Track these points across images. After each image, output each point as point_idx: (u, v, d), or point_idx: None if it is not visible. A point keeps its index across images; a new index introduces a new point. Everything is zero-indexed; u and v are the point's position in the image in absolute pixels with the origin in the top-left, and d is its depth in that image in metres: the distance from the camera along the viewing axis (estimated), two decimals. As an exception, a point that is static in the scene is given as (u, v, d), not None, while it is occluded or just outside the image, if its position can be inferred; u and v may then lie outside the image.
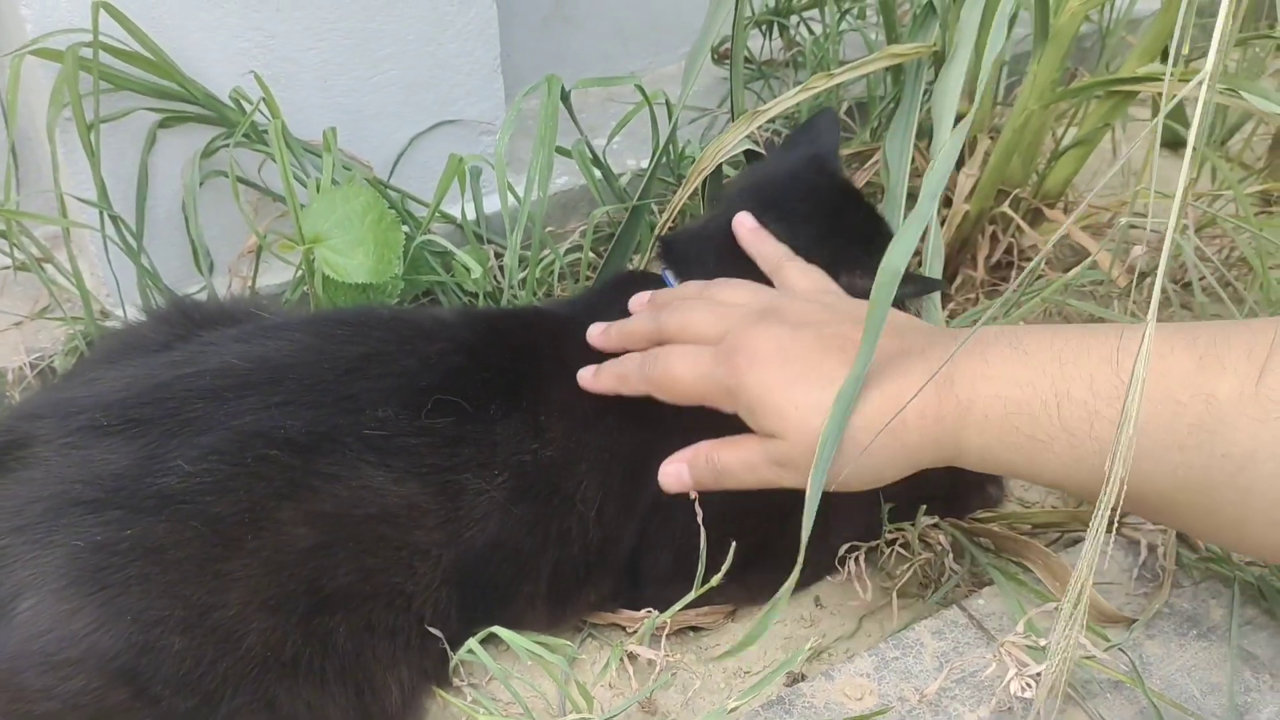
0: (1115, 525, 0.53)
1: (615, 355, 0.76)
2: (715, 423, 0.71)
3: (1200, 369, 0.56)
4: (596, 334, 0.78)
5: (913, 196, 1.03)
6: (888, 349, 0.65)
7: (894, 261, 0.60)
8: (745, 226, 0.81)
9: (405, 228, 0.93)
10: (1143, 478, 0.57)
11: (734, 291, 0.74)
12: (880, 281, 0.60)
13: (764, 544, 0.76)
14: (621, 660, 0.71)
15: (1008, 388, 0.61)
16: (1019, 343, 0.62)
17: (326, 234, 0.85)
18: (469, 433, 0.70)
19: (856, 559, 0.76)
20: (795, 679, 0.70)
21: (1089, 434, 0.58)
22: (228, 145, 0.90)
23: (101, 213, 0.89)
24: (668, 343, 0.73)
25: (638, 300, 0.80)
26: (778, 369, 0.66)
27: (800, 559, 0.62)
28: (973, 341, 0.63)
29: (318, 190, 0.89)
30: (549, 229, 1.07)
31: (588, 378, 0.75)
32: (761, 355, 0.66)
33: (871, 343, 0.60)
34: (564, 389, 0.74)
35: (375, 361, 0.72)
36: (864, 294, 0.65)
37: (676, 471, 0.72)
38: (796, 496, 0.75)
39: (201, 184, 0.93)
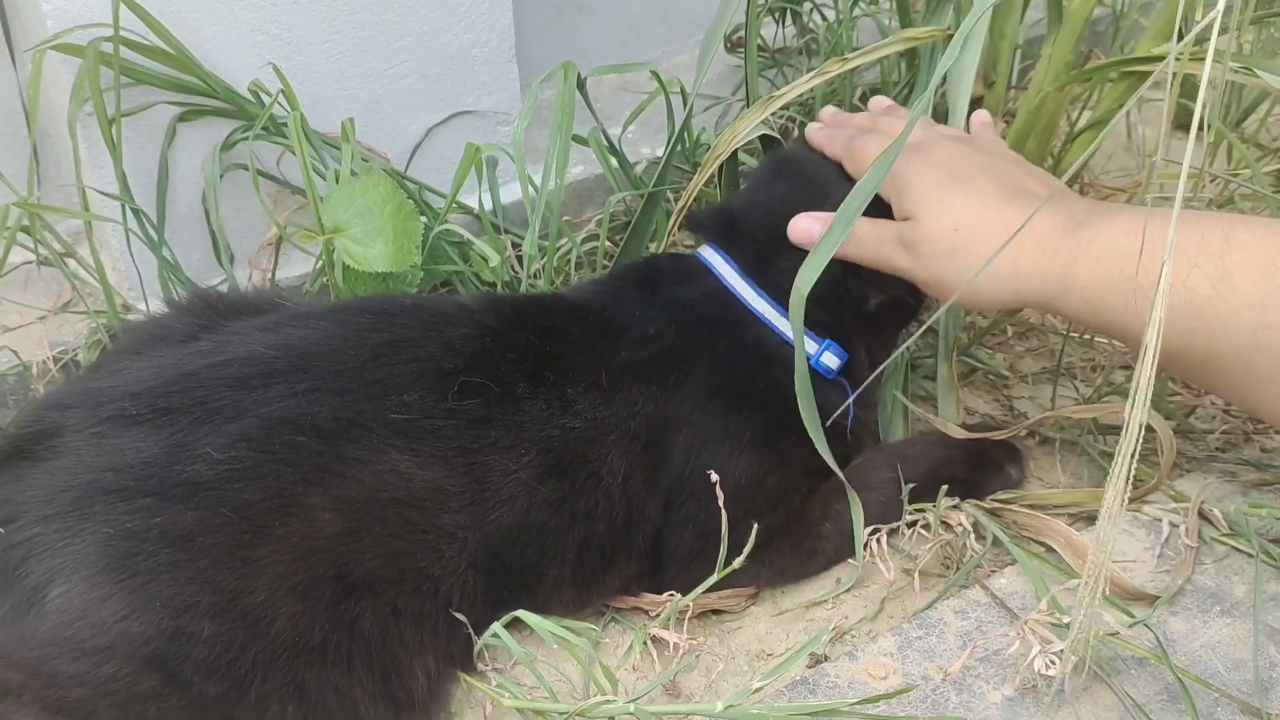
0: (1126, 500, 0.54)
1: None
2: (729, 397, 0.76)
3: None
4: (829, 112, 0.90)
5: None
6: (1035, 189, 0.74)
7: (850, 207, 0.65)
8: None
9: (423, 218, 0.93)
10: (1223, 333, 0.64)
11: (942, 128, 0.84)
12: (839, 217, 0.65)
13: (786, 523, 0.76)
14: (645, 643, 0.72)
15: (1125, 236, 0.66)
16: (1148, 211, 0.68)
17: (346, 224, 0.86)
18: (495, 414, 0.71)
19: (878, 540, 0.76)
20: (818, 660, 0.71)
21: (1183, 283, 0.63)
22: (247, 138, 0.91)
23: (123, 206, 0.89)
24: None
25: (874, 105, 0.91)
26: (943, 168, 0.75)
27: None
28: (1106, 205, 0.71)
29: (336, 182, 0.89)
30: (566, 218, 1.07)
31: (813, 129, 0.87)
32: (936, 155, 0.76)
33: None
34: (590, 365, 0.75)
35: (400, 347, 0.72)
36: None
37: (807, 227, 0.78)
38: (816, 473, 0.77)
39: (221, 177, 0.93)
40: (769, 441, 0.77)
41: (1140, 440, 0.51)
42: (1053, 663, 0.60)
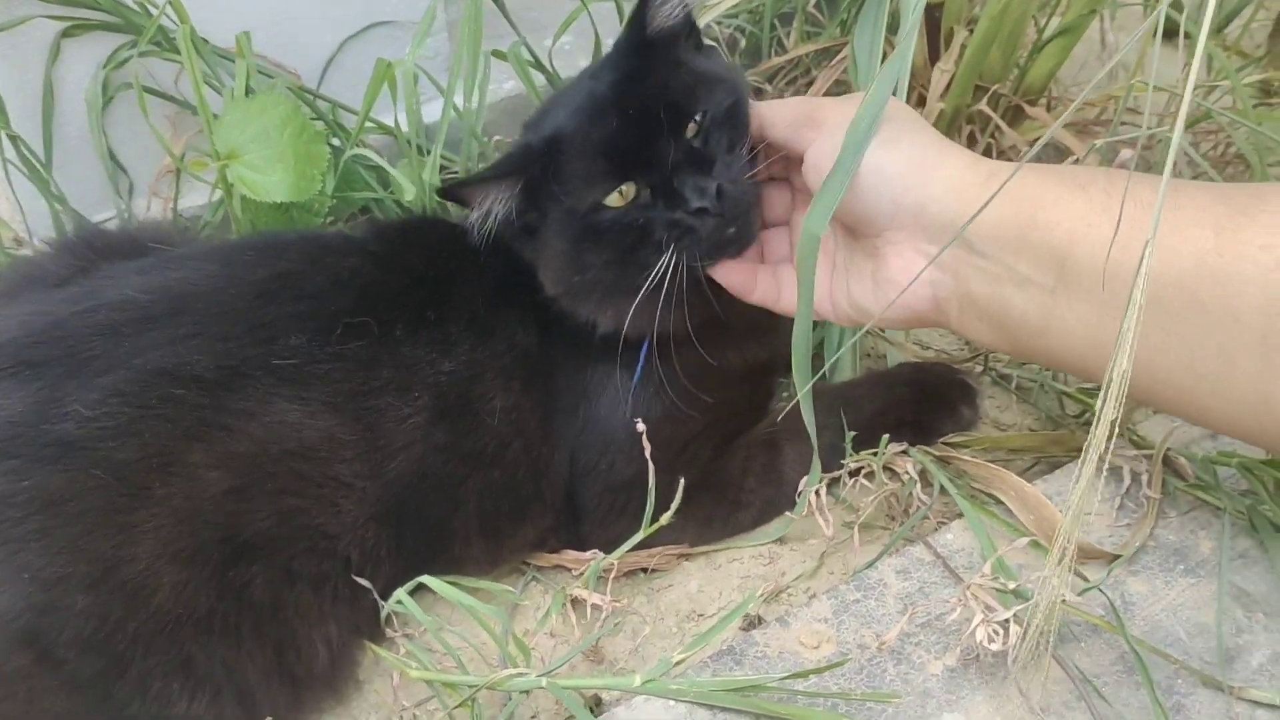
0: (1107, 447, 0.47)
1: None
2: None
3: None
4: None
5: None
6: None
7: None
8: None
9: (335, 140, 0.86)
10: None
11: None
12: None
13: (703, 478, 0.71)
14: (565, 605, 0.67)
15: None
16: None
17: (241, 149, 0.78)
18: (384, 355, 0.66)
19: (817, 491, 0.70)
20: (751, 622, 0.66)
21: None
22: (134, 55, 0.82)
23: (-1, 133, 0.82)
24: None
25: None
26: None
27: None
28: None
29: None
30: (497, 137, 0.99)
31: None
32: None
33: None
34: (470, 293, 0.70)
35: (287, 283, 0.67)
36: None
37: None
38: (729, 424, 0.71)
39: (112, 98, 0.86)
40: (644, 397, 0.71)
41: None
42: (996, 634, 0.55)
